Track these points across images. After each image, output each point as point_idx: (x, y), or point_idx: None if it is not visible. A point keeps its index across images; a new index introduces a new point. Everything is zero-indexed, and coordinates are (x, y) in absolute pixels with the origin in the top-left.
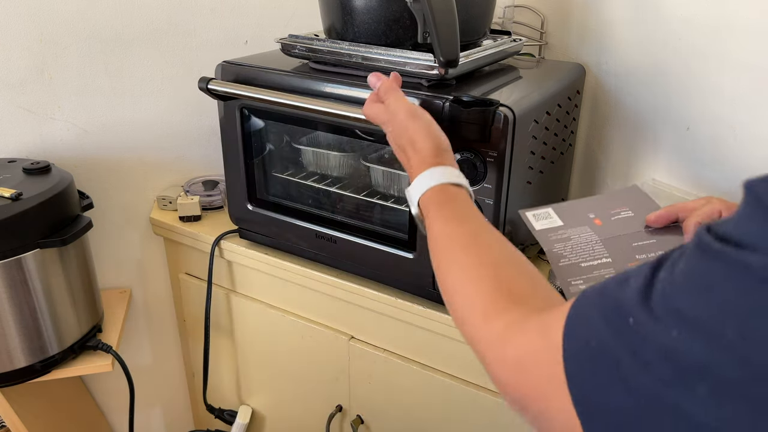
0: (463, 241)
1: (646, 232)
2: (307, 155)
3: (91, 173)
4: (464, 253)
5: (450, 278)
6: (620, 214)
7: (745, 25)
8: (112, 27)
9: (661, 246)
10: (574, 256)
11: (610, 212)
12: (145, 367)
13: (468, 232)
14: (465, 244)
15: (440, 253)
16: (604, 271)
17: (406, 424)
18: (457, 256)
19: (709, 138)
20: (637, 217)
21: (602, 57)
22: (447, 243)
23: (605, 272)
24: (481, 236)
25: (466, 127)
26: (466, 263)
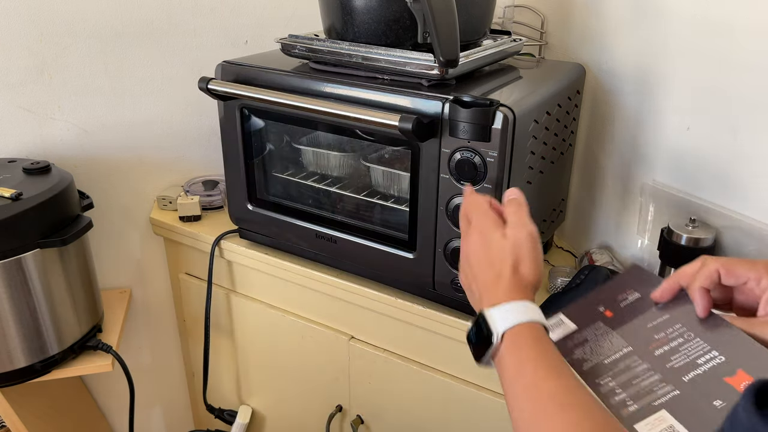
0: (561, 397)
1: (657, 309)
2: (307, 155)
3: (91, 173)
4: (563, 411)
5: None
6: (627, 298)
7: (745, 25)
8: (112, 27)
9: (675, 320)
10: (595, 357)
11: (618, 299)
12: (145, 367)
13: (566, 387)
14: (563, 403)
15: (531, 404)
16: (628, 360)
17: (406, 424)
18: (553, 414)
19: (709, 138)
20: (644, 297)
21: (602, 57)
22: (540, 395)
23: (629, 362)
24: (578, 395)
25: (466, 127)
26: (563, 424)
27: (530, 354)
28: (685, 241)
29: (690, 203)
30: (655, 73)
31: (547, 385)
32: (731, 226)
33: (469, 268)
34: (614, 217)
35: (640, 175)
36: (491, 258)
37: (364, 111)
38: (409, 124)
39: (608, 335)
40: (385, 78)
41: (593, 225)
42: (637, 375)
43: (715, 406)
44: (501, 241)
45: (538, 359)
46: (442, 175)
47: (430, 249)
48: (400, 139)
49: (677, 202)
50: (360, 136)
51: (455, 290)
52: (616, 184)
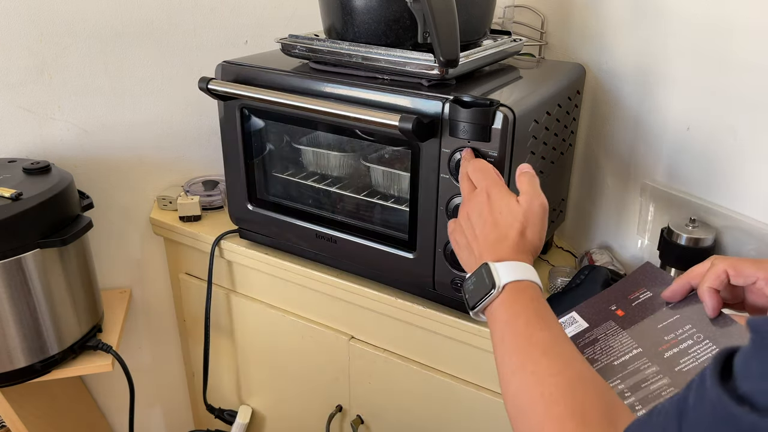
0: (548, 346)
1: (668, 309)
2: (307, 155)
3: (91, 173)
4: (545, 358)
5: (522, 385)
6: (639, 297)
7: (745, 25)
8: (112, 27)
9: (685, 320)
10: (605, 357)
11: (630, 298)
12: (145, 367)
13: (554, 338)
14: (550, 351)
15: (518, 352)
16: (638, 363)
17: (406, 424)
18: (536, 360)
19: (709, 138)
20: (655, 296)
21: (602, 57)
22: (528, 342)
23: (638, 364)
24: (563, 346)
25: (466, 127)
26: (543, 371)
27: (525, 307)
28: (685, 241)
29: (690, 203)
30: (655, 73)
31: (537, 335)
32: (731, 226)
33: (470, 227)
34: (614, 217)
35: (640, 175)
36: (499, 220)
37: (364, 111)
38: (409, 124)
39: (618, 335)
40: (385, 78)
41: (593, 225)
42: (647, 378)
43: None
44: (514, 205)
45: (530, 313)
46: (442, 175)
47: (430, 249)
48: (400, 139)
49: (677, 202)
50: (360, 136)
51: (455, 290)
52: (616, 184)
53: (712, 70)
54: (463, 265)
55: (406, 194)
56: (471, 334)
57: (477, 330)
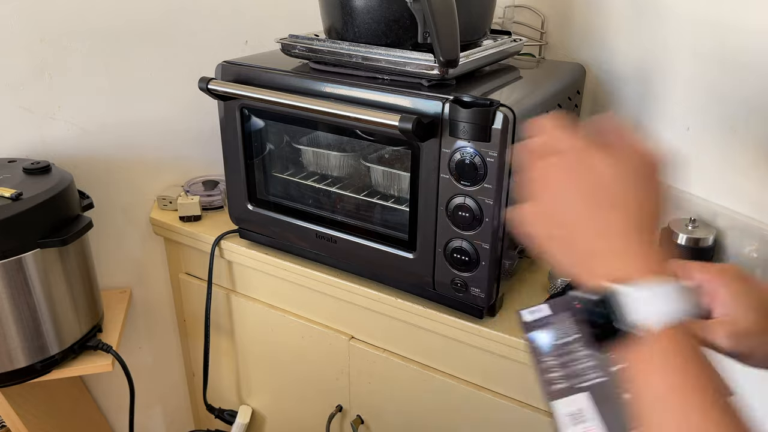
0: None
1: None
2: (307, 155)
3: (91, 173)
4: None
5: None
6: None
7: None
8: (113, 27)
9: None
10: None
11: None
12: (145, 367)
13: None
14: None
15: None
16: (575, 345)
17: (406, 424)
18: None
19: (709, 138)
20: None
21: (602, 57)
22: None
23: (575, 346)
24: None
25: (466, 127)
26: None
27: (678, 378)
28: (686, 241)
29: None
30: (655, 73)
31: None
32: (731, 226)
33: (561, 210)
34: None
35: None
36: (608, 196)
37: (364, 111)
38: (409, 124)
39: (568, 321)
40: (385, 78)
41: None
42: (577, 359)
43: (624, 397)
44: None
45: (687, 386)
46: (442, 175)
47: (430, 249)
48: (400, 139)
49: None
50: (360, 136)
51: (455, 290)
52: None
53: (712, 70)
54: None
55: (406, 194)
56: (471, 334)
57: (477, 330)
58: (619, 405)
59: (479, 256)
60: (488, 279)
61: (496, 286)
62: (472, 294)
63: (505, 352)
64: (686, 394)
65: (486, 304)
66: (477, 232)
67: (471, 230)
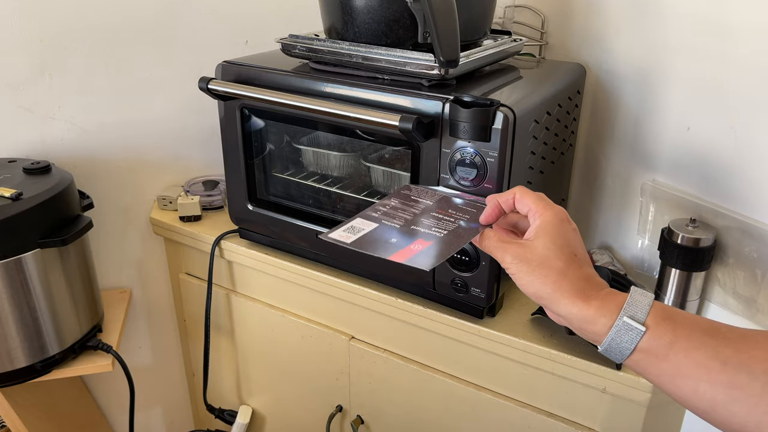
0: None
1: None
2: (307, 155)
3: (91, 173)
4: None
5: None
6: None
7: (745, 25)
8: (113, 27)
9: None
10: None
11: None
12: (146, 367)
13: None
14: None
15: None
16: (397, 211)
17: (407, 423)
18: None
19: (709, 138)
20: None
21: (603, 57)
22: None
23: (397, 211)
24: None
25: (466, 127)
26: None
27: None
28: (686, 241)
29: (690, 203)
30: (656, 72)
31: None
32: (731, 226)
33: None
34: (615, 218)
35: (640, 175)
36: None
37: (364, 111)
38: (409, 124)
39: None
40: (385, 78)
41: (594, 225)
42: (393, 215)
43: None
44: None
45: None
46: (442, 175)
47: None
48: (400, 139)
49: (678, 202)
50: (360, 136)
51: (455, 290)
52: (616, 184)
53: (712, 70)
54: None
55: None
56: (471, 334)
57: (477, 330)
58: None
59: (479, 256)
60: (488, 279)
61: (496, 286)
62: (472, 294)
63: (505, 352)
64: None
65: (486, 305)
66: None
67: None
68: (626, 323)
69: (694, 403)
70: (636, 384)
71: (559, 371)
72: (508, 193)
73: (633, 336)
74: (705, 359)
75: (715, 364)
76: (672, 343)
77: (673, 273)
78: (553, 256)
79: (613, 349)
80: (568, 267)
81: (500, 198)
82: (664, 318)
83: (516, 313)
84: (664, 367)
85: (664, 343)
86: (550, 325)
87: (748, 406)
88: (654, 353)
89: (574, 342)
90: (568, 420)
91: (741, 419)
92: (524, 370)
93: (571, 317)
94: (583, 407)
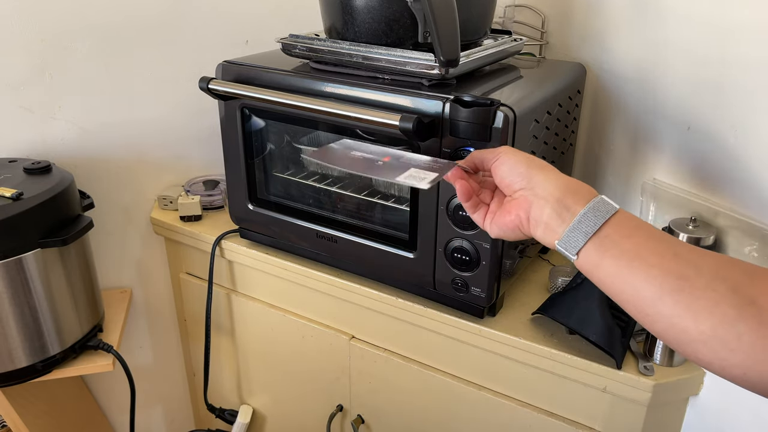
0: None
1: None
2: (307, 155)
3: (91, 173)
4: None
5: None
6: None
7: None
8: (113, 26)
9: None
10: None
11: None
12: (146, 367)
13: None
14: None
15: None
16: None
17: (407, 423)
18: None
19: (709, 138)
20: None
21: (603, 56)
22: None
23: None
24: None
25: (466, 126)
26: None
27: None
28: (686, 240)
29: (690, 203)
30: (656, 72)
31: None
32: (731, 225)
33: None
34: None
35: (640, 174)
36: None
37: (364, 111)
38: (409, 124)
39: None
40: (385, 78)
41: None
42: None
43: None
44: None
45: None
46: None
47: (430, 249)
48: (400, 138)
49: (678, 202)
50: (361, 136)
51: (456, 290)
52: (616, 184)
53: (712, 69)
54: None
55: (406, 194)
56: (471, 333)
57: (477, 330)
58: None
59: (480, 255)
60: (489, 278)
61: (496, 285)
62: (472, 293)
63: (506, 352)
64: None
65: (486, 304)
66: (477, 231)
67: (471, 230)
68: (604, 200)
69: (643, 287)
70: (636, 384)
71: (560, 371)
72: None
73: (608, 210)
74: (661, 248)
75: (669, 254)
76: (637, 227)
77: None
78: (523, 158)
79: (588, 220)
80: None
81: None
82: (631, 215)
83: (516, 313)
84: (625, 246)
85: (632, 225)
86: (550, 324)
87: (690, 299)
88: (620, 232)
89: (575, 341)
90: (568, 419)
91: (681, 311)
92: (524, 370)
93: (550, 183)
94: (584, 407)
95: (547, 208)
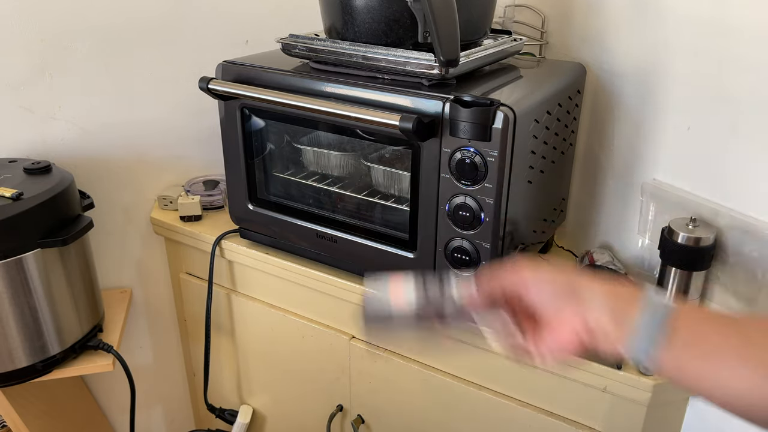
0: None
1: None
2: (307, 155)
3: (91, 173)
4: None
5: None
6: None
7: (746, 25)
8: (113, 27)
9: None
10: None
11: None
12: (146, 367)
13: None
14: None
15: None
16: None
17: (407, 423)
18: None
19: (709, 138)
20: None
21: (603, 56)
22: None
23: None
24: None
25: (466, 126)
26: None
27: None
28: (686, 240)
29: (691, 203)
30: (656, 72)
31: None
32: (732, 225)
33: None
34: (615, 217)
35: (640, 174)
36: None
37: (364, 111)
38: (409, 124)
39: None
40: (385, 78)
41: (594, 224)
42: None
43: None
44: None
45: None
46: (442, 174)
47: (430, 249)
48: (400, 138)
49: (678, 202)
50: (360, 136)
51: None
52: (616, 184)
53: (712, 70)
54: None
55: (406, 194)
56: (471, 333)
57: (477, 330)
58: None
59: (480, 255)
60: None
61: None
62: None
63: None
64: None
65: None
66: (477, 231)
67: (471, 230)
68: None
69: (733, 384)
70: (636, 383)
71: (560, 370)
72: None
73: (664, 312)
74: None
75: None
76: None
77: (673, 272)
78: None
79: (650, 325)
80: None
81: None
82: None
83: None
84: (704, 348)
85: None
86: None
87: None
88: (692, 334)
89: None
90: (568, 419)
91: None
92: (524, 370)
93: (602, 294)
94: (584, 406)
95: None
